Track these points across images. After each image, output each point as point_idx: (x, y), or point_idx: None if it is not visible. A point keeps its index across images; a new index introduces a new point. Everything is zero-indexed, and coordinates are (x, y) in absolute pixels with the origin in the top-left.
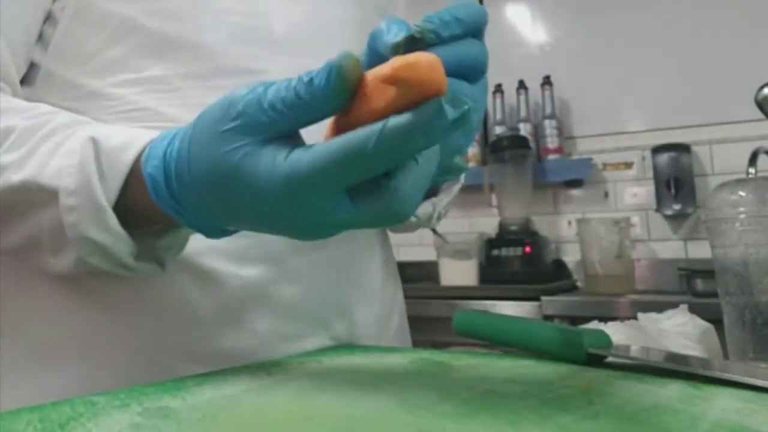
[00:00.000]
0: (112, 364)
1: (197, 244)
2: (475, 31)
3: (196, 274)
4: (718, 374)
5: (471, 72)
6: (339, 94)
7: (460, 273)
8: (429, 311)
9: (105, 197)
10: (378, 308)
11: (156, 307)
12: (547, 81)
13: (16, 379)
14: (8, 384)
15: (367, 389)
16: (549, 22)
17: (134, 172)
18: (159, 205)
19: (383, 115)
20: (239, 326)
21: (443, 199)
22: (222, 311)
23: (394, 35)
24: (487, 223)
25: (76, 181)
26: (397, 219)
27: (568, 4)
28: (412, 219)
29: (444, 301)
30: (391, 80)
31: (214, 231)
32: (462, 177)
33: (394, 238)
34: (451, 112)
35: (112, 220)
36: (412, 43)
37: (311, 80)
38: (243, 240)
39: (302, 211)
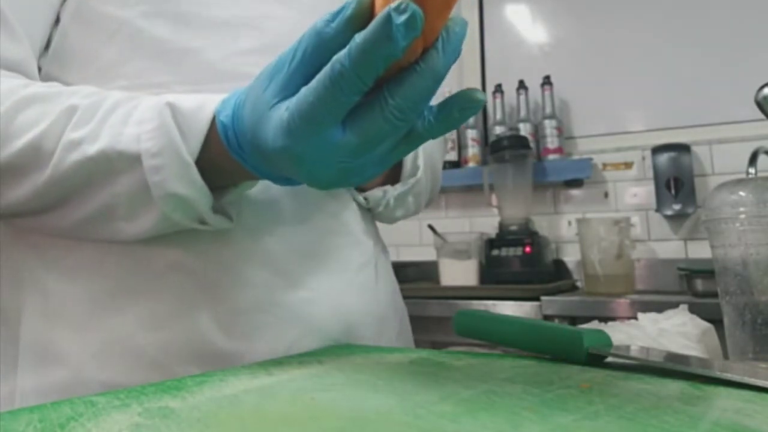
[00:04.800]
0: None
1: (198, 246)
2: None
3: (196, 276)
4: (718, 374)
5: None
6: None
7: (460, 273)
8: (429, 311)
9: (189, 154)
10: (375, 308)
11: (156, 308)
12: (547, 81)
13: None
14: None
15: (367, 389)
16: (549, 22)
17: (210, 131)
18: (230, 152)
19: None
20: (239, 328)
21: (397, 188)
22: (221, 313)
23: None
24: (487, 223)
25: (159, 143)
26: (394, 127)
27: (568, 4)
28: (362, 200)
29: (444, 301)
30: None
31: (277, 178)
32: (419, 172)
33: (394, 237)
34: (396, 17)
35: (197, 175)
36: None
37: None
38: (241, 243)
39: (307, 151)
